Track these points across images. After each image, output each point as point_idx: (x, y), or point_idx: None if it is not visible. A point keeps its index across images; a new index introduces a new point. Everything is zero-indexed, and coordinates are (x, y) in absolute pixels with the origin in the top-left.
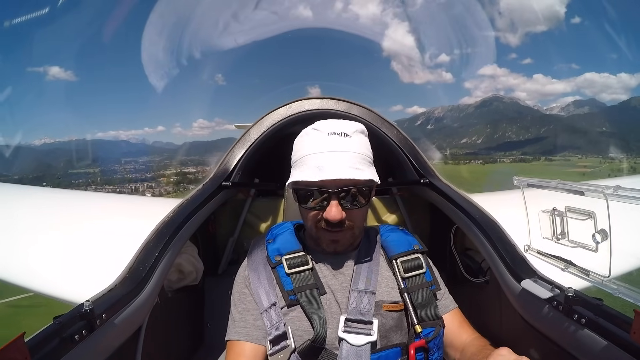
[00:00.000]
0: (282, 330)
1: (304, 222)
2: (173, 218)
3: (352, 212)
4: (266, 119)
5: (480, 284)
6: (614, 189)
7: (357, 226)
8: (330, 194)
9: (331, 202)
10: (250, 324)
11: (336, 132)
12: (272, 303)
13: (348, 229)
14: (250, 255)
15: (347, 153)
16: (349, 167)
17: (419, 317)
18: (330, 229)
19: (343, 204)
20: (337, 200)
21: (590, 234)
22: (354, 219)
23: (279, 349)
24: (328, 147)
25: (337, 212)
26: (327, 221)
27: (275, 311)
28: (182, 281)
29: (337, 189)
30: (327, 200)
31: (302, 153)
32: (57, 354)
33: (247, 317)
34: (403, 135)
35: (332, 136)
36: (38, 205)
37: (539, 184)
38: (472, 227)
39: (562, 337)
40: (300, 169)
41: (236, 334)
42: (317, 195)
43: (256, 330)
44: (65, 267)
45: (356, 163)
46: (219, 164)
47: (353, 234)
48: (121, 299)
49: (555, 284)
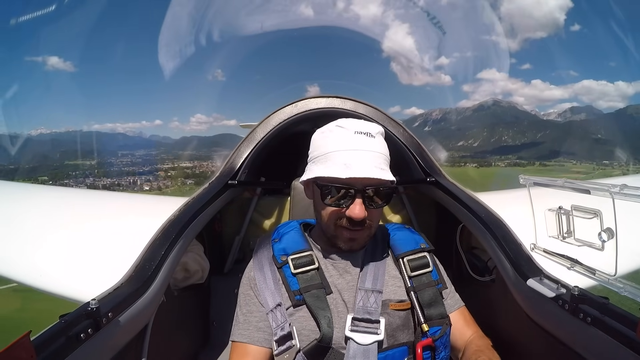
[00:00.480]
0: (287, 331)
1: (319, 219)
2: (179, 217)
3: (372, 211)
4: (272, 118)
5: (486, 282)
6: (620, 188)
7: (374, 226)
8: (356, 191)
9: (356, 200)
10: (252, 326)
11: (362, 132)
12: (278, 303)
13: (366, 228)
14: (256, 255)
15: (373, 153)
16: (374, 167)
17: (426, 316)
18: (352, 227)
19: (369, 203)
20: (362, 198)
21: (596, 233)
22: (373, 219)
23: (285, 349)
24: (355, 145)
25: (362, 211)
26: (349, 219)
27: (280, 311)
28: (188, 280)
29: (364, 188)
30: (352, 198)
31: (326, 149)
32: (63, 352)
33: (251, 319)
34: (409, 133)
35: (359, 135)
36: (44, 204)
37: (545, 182)
38: (478, 226)
39: (568, 335)
40: (324, 165)
41: (239, 335)
42: (342, 192)
43: (258, 332)
44: (71, 266)
45: (380, 163)
46: (225, 162)
47: (370, 233)
48: (127, 298)
49: (561, 283)
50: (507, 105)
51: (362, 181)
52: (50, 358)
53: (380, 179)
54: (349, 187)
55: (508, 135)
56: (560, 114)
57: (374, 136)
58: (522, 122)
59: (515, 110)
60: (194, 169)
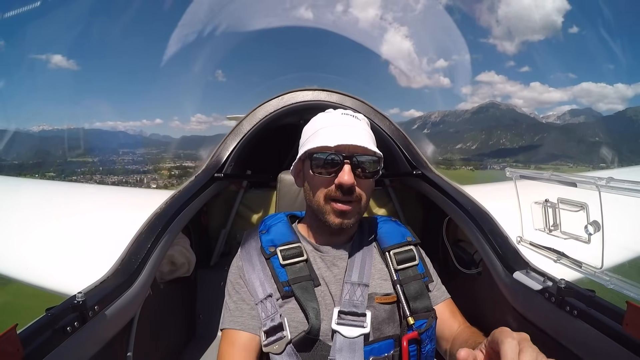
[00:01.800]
0: (277, 322)
1: (309, 197)
2: (165, 210)
3: (361, 182)
4: (258, 111)
5: (472, 275)
6: (607, 181)
7: (364, 200)
8: (344, 157)
9: (344, 167)
10: (246, 314)
11: (349, 114)
12: (268, 294)
13: (356, 201)
14: (244, 247)
15: (360, 129)
16: (363, 138)
17: (412, 309)
18: (342, 196)
19: (357, 171)
20: (351, 165)
21: (582, 226)
22: (362, 190)
23: (275, 339)
24: (343, 122)
25: (350, 177)
26: (339, 187)
27: (270, 302)
28: (174, 273)
29: (351, 155)
30: (340, 165)
31: (315, 128)
32: (50, 345)
33: (243, 306)
34: (395, 127)
35: (346, 115)
36: (29, 197)
37: (531, 175)
38: (465, 219)
39: (554, 328)
40: (314, 141)
41: (232, 322)
42: (331, 160)
43: (252, 320)
44: (57, 259)
45: (369, 139)
46: (212, 155)
47: (360, 208)
48: (113, 291)
49: (548, 276)
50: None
51: (350, 149)
52: (36, 351)
53: (366, 147)
54: (338, 154)
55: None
56: (560, 117)
57: (360, 120)
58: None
59: (514, 112)
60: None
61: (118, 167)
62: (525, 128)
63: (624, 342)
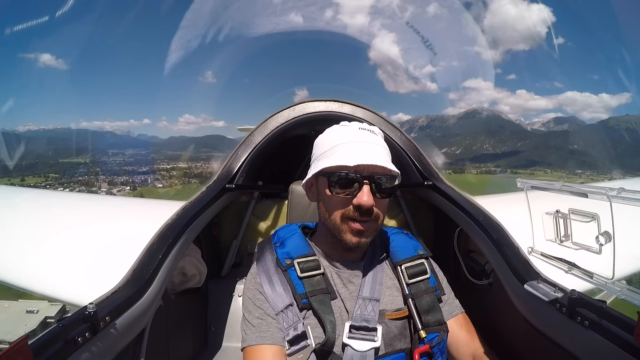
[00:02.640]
0: (301, 330)
1: (324, 215)
2: (176, 220)
3: (379, 201)
4: (270, 122)
5: (483, 286)
6: (618, 191)
7: (381, 219)
8: (364, 178)
9: (364, 187)
10: (273, 327)
11: (366, 129)
12: (289, 304)
13: (374, 220)
14: (259, 260)
15: (378, 147)
16: (381, 157)
17: (423, 323)
18: (360, 216)
19: (376, 191)
20: (370, 186)
21: (593, 236)
22: (380, 209)
23: (299, 348)
24: (361, 138)
25: (370, 198)
26: (357, 208)
27: (292, 311)
28: (185, 284)
29: (372, 175)
30: (359, 186)
31: (332, 143)
32: (61, 356)
33: (269, 320)
34: (407, 137)
35: (363, 131)
36: (41, 208)
37: (542, 186)
38: (476, 230)
39: (566, 339)
40: (330, 158)
41: (258, 338)
42: (350, 180)
43: (279, 333)
44: (69, 270)
45: (387, 156)
46: (223, 166)
47: (377, 226)
48: (125, 302)
49: (559, 286)
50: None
51: (369, 169)
52: None
53: (386, 167)
54: (357, 175)
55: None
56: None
57: (377, 134)
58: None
59: (500, 119)
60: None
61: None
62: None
63: (636, 353)
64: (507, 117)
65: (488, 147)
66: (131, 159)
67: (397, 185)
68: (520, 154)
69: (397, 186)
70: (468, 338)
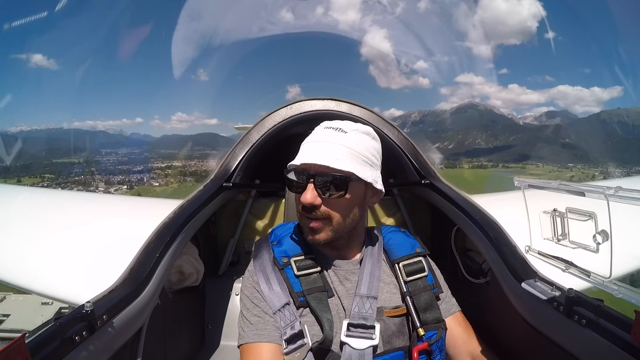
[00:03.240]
0: (298, 329)
1: None
2: (174, 219)
3: (329, 201)
4: (267, 120)
5: (481, 284)
6: (615, 190)
7: (336, 219)
8: (308, 177)
9: (308, 186)
10: (270, 325)
11: (333, 127)
12: (286, 302)
13: (326, 219)
14: (256, 259)
15: (336, 145)
16: (329, 156)
17: (422, 320)
18: (306, 214)
19: (322, 190)
20: (313, 185)
21: (590, 235)
22: (331, 209)
23: (296, 347)
24: (322, 137)
25: (312, 197)
26: (303, 206)
27: (289, 310)
28: (182, 282)
29: (315, 174)
30: (305, 184)
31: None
32: (58, 355)
33: (266, 318)
34: (404, 136)
35: (328, 130)
36: (38, 206)
37: (539, 184)
38: (473, 228)
39: (563, 337)
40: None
41: (256, 335)
42: (297, 179)
43: (275, 331)
44: (66, 269)
45: (341, 155)
46: (220, 164)
47: (332, 227)
48: (122, 300)
49: (556, 285)
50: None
51: (314, 168)
52: None
53: (329, 166)
54: (300, 173)
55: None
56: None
57: (346, 132)
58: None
59: (492, 113)
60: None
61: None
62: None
63: (633, 351)
64: (499, 111)
65: (480, 142)
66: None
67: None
68: (512, 148)
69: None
70: (465, 336)
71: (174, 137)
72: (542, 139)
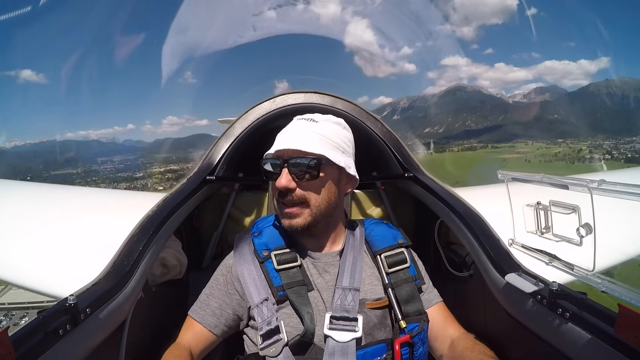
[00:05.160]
0: (274, 325)
1: None
2: (157, 212)
3: (303, 184)
4: (250, 113)
5: (464, 278)
6: (598, 183)
7: (313, 201)
8: (283, 162)
9: (282, 171)
10: (210, 310)
11: (304, 118)
12: (265, 298)
13: (303, 204)
14: (237, 249)
15: (307, 133)
16: (300, 142)
17: (403, 313)
18: (282, 199)
19: (296, 175)
20: (287, 169)
21: (574, 228)
22: (307, 191)
23: (271, 342)
24: (293, 127)
25: (286, 180)
26: (279, 192)
27: (267, 306)
28: (166, 275)
29: (288, 159)
30: (279, 170)
31: None
32: (41, 348)
33: (211, 302)
34: (387, 129)
35: (299, 120)
36: (21, 199)
37: (523, 177)
38: (456, 221)
39: (546, 331)
40: None
41: (194, 312)
42: (271, 166)
43: (212, 317)
44: (49, 262)
45: (313, 140)
46: (203, 158)
47: (310, 209)
48: (105, 293)
49: (540, 278)
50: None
51: (287, 153)
52: (28, 354)
53: (300, 150)
54: (274, 160)
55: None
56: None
57: (317, 121)
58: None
59: (481, 94)
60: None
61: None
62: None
63: (616, 345)
64: (487, 91)
65: (471, 124)
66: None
67: (317, 165)
68: (502, 127)
69: (317, 167)
70: (445, 325)
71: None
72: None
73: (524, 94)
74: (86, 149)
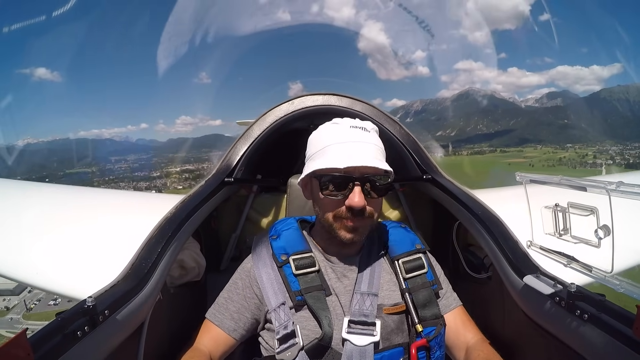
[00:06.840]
0: (290, 329)
1: (318, 213)
2: (175, 214)
3: (372, 201)
4: (269, 115)
5: (482, 279)
6: (617, 185)
7: (375, 216)
8: (355, 180)
9: (355, 189)
10: (228, 313)
11: (358, 126)
12: (282, 302)
13: (368, 218)
14: (255, 252)
15: (370, 145)
16: (372, 157)
17: (420, 317)
18: (352, 217)
19: (368, 191)
20: (361, 187)
21: (592, 230)
22: (373, 208)
23: (288, 346)
24: (352, 137)
25: (361, 199)
26: (349, 209)
27: (284, 310)
28: (184, 277)
29: (362, 176)
30: (351, 187)
31: (323, 144)
32: (60, 350)
33: (229, 306)
34: (405, 131)
35: (355, 129)
36: (40, 201)
37: (541, 179)
38: (475, 223)
39: (565, 332)
40: (322, 159)
41: (212, 315)
42: (340, 182)
43: (230, 321)
44: (68, 264)
45: (378, 154)
46: (222, 160)
47: (372, 222)
48: (124, 295)
49: (558, 280)
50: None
51: (360, 170)
52: (47, 356)
53: (377, 167)
54: (348, 177)
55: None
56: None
57: (369, 131)
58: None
59: (494, 98)
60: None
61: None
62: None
63: (634, 346)
64: (500, 95)
65: (482, 128)
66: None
67: (390, 183)
68: (513, 132)
69: (391, 184)
70: (463, 330)
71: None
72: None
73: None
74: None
